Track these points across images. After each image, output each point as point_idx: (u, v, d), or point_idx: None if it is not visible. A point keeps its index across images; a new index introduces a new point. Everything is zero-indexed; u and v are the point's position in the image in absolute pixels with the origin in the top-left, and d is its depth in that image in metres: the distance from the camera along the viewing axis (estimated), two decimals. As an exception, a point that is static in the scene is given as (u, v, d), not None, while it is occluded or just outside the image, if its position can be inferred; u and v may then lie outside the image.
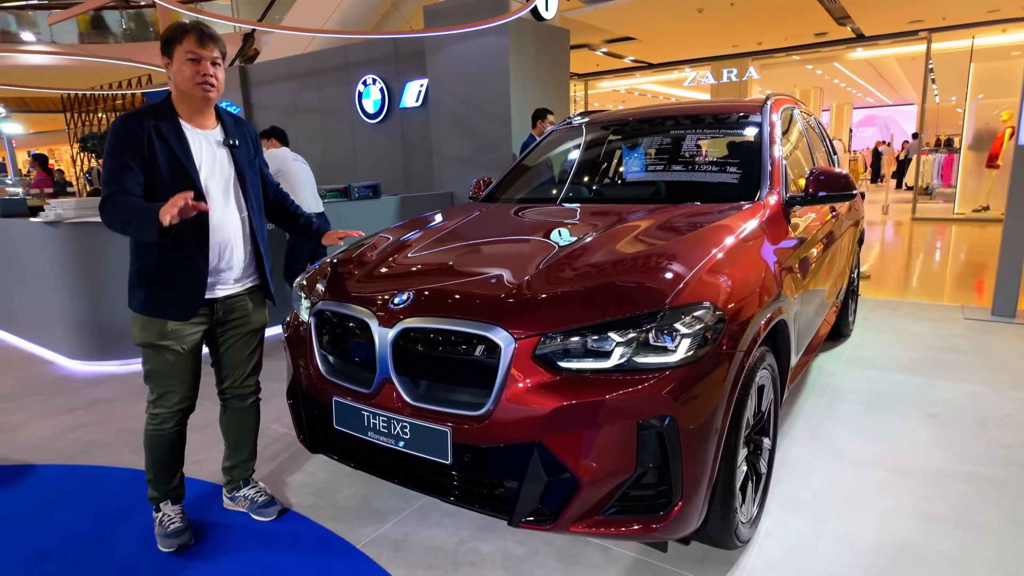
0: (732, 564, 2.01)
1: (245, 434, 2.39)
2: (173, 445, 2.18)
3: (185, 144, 1.99)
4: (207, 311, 2.12)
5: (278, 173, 4.54)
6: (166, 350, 2.06)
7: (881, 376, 3.60)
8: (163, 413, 2.13)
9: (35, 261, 4.47)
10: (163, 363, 2.07)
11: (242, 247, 2.14)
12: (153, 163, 1.93)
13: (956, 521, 2.21)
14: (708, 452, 1.71)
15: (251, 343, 2.29)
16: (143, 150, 1.91)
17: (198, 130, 2.04)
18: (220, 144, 2.09)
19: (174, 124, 1.98)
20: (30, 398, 3.75)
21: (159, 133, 1.94)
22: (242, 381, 2.32)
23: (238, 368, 2.29)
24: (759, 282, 2.00)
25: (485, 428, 1.69)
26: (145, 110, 1.98)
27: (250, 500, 2.38)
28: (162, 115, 1.98)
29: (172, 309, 2.03)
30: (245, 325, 2.24)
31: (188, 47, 1.93)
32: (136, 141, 1.91)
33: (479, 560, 2.08)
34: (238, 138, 2.13)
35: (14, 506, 2.51)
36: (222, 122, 2.12)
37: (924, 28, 11.53)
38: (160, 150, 1.93)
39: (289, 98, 9.05)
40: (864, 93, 24.63)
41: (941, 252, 8.08)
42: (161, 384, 2.10)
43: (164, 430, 2.14)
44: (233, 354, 2.26)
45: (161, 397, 2.12)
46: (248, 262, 2.18)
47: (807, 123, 3.67)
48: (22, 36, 18.08)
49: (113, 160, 1.90)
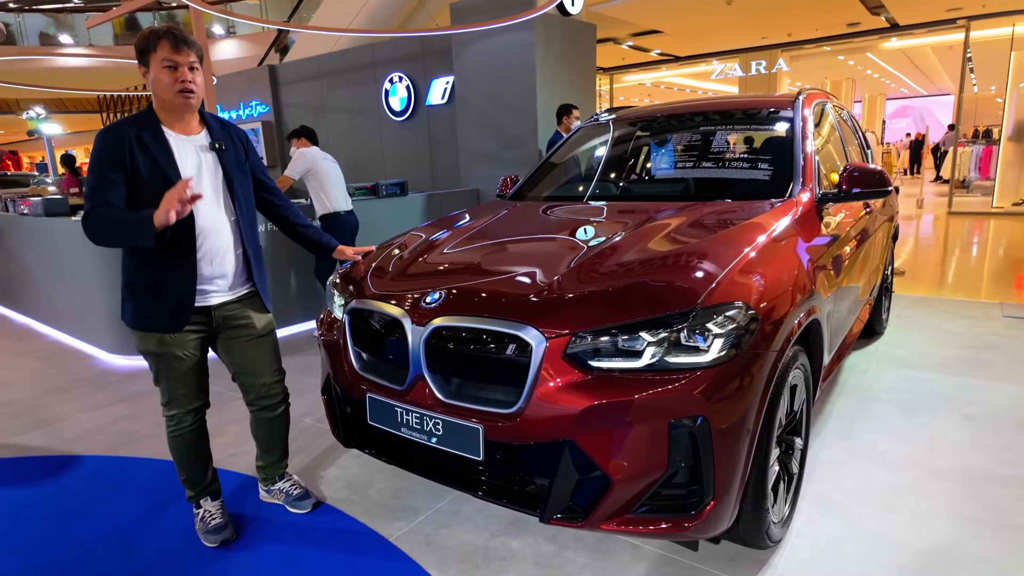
0: (763, 564, 2.00)
1: (276, 439, 2.41)
2: (196, 442, 2.23)
3: (168, 152, 1.95)
4: (205, 319, 2.09)
5: (308, 172, 4.62)
6: (169, 356, 2.06)
7: (916, 375, 3.53)
8: (178, 414, 2.17)
9: (76, 259, 4.63)
10: (168, 369, 2.08)
11: (232, 252, 2.10)
12: (136, 174, 1.90)
13: (994, 524, 2.17)
14: (740, 452, 1.71)
15: (260, 346, 2.23)
16: (125, 162, 1.89)
17: (182, 136, 2.00)
18: (206, 149, 2.05)
19: (156, 132, 1.95)
20: (76, 391, 3.89)
21: (141, 143, 1.91)
22: (268, 391, 2.30)
23: (259, 376, 2.26)
24: (792, 281, 1.99)
25: (516, 426, 1.71)
26: (127, 120, 1.96)
27: (285, 493, 2.44)
28: (144, 124, 1.94)
29: (161, 323, 2.02)
30: (248, 328, 2.19)
31: (163, 54, 1.89)
32: (118, 153, 1.88)
33: (510, 555, 2.11)
34: (225, 141, 2.09)
35: (65, 495, 2.62)
36: (207, 126, 2.08)
37: (963, 16, 11.18)
38: (142, 160, 1.90)
39: (318, 97, 9.18)
40: (898, 84, 24.01)
41: (979, 247, 7.86)
42: (170, 388, 2.13)
43: (184, 430, 2.18)
44: (245, 359, 2.22)
45: (172, 400, 2.15)
46: (240, 268, 2.14)
47: (840, 117, 3.61)
48: (60, 39, 18.63)
49: (95, 174, 1.88)
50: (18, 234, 5.62)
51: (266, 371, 2.28)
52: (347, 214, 4.78)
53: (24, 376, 4.24)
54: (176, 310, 2.02)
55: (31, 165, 24.85)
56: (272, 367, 2.30)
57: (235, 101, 10.28)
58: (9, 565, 2.15)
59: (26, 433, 3.28)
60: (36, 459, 2.98)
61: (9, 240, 5.85)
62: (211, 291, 2.09)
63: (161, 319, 2.02)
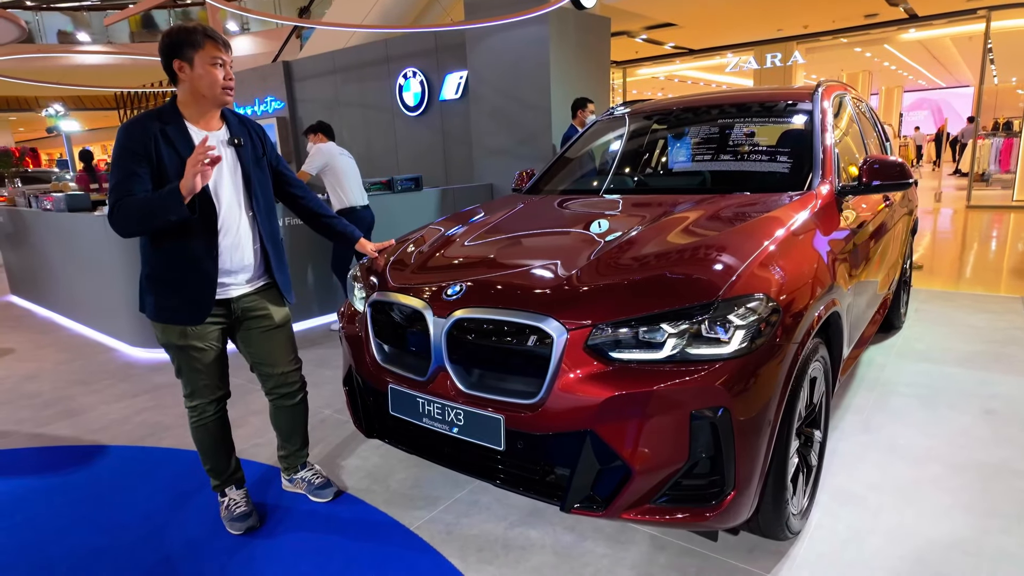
0: (782, 555, 2.01)
1: (296, 427, 2.45)
2: (219, 432, 2.28)
3: (192, 147, 1.96)
4: (224, 311, 2.14)
5: (325, 167, 4.66)
6: (190, 348, 2.10)
7: (935, 369, 3.50)
8: (200, 404, 2.21)
9: (98, 253, 4.71)
10: (189, 360, 2.13)
11: (251, 246, 2.14)
12: (160, 167, 1.93)
13: (1016, 518, 2.16)
14: (761, 443, 1.72)
15: (277, 336, 2.28)
16: (150, 155, 1.92)
17: (204, 132, 2.04)
18: (225, 144, 2.08)
19: (180, 127, 1.99)
20: (100, 383, 3.97)
21: (165, 137, 1.95)
22: (285, 379, 2.34)
23: (276, 366, 2.30)
24: (812, 273, 1.99)
25: (538, 416, 1.73)
26: (150, 115, 1.98)
27: (307, 482, 2.48)
28: (167, 119, 1.98)
29: (182, 315, 2.05)
30: (267, 319, 2.23)
31: (212, 52, 1.94)
32: (142, 147, 1.91)
33: (529, 544, 2.13)
34: (243, 137, 2.13)
35: (94, 484, 2.68)
36: (227, 122, 2.12)
37: (983, 6, 10.98)
38: (167, 154, 1.94)
39: (331, 92, 9.23)
40: (916, 76, 23.65)
41: (998, 241, 7.76)
42: (191, 379, 2.18)
43: (206, 420, 2.23)
44: (261, 349, 2.26)
45: (195, 391, 2.20)
46: (259, 261, 2.18)
47: (859, 109, 3.58)
48: (78, 36, 18.86)
49: (119, 168, 1.90)
50: (41, 229, 5.72)
51: (283, 360, 2.32)
52: (363, 209, 4.81)
53: (49, 368, 4.33)
54: (198, 303, 2.06)
55: (50, 162, 25.20)
56: (289, 356, 2.34)
57: (250, 97, 10.35)
58: (52, 550, 2.22)
59: (54, 423, 3.36)
60: (65, 448, 3.05)
61: (32, 235, 5.96)
62: (231, 284, 2.13)
63: (183, 312, 2.05)
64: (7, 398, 3.79)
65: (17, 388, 3.95)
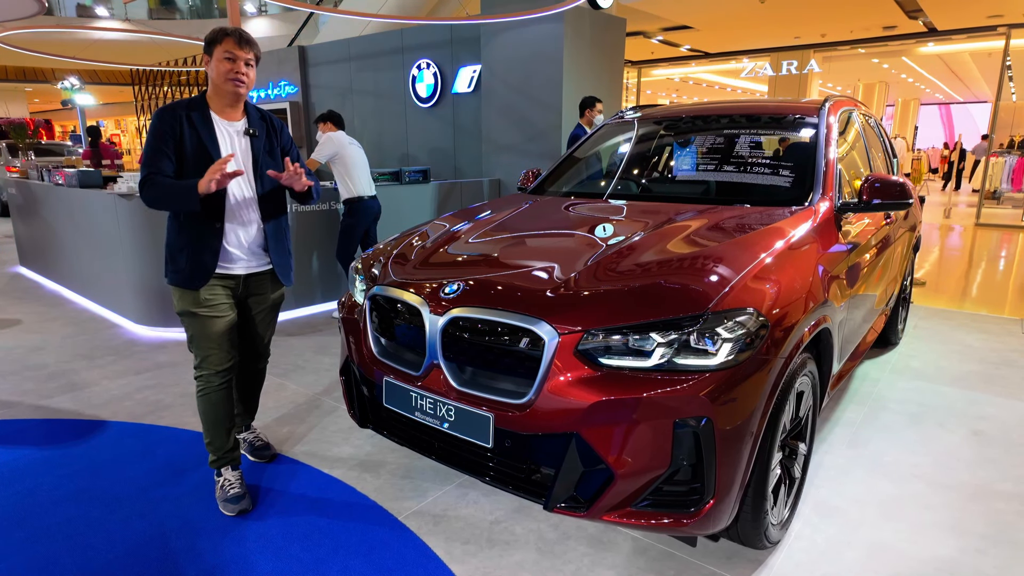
0: (760, 564, 2.05)
1: (251, 392, 2.70)
2: (222, 404, 2.39)
3: (212, 133, 2.25)
4: (233, 284, 2.36)
5: (335, 156, 4.70)
6: (203, 316, 2.30)
7: (928, 387, 3.53)
8: (207, 374, 2.35)
9: (108, 230, 4.77)
10: (201, 327, 2.31)
11: (255, 226, 2.37)
12: (182, 148, 2.21)
13: (994, 539, 2.19)
14: (742, 454, 1.75)
15: (269, 316, 2.56)
16: (177, 136, 2.20)
17: (225, 121, 2.30)
18: (242, 134, 2.33)
19: (205, 115, 2.26)
20: (103, 358, 4.03)
21: (190, 122, 2.23)
22: (257, 349, 2.59)
23: (256, 339, 2.57)
24: (805, 289, 2.02)
25: (526, 416, 1.77)
26: (183, 103, 2.27)
27: (248, 443, 2.75)
28: (196, 107, 2.26)
29: (185, 278, 2.28)
30: (265, 302, 2.50)
31: (227, 47, 2.20)
32: (171, 129, 2.19)
33: (513, 540, 2.18)
34: (259, 129, 2.37)
35: (91, 457, 2.74)
36: (248, 115, 2.36)
37: (1004, 24, 10.90)
38: (189, 136, 2.21)
39: (345, 79, 9.25)
40: (933, 89, 23.46)
41: (1006, 261, 7.74)
42: (202, 347, 2.33)
43: (211, 389, 2.36)
44: (253, 327, 2.52)
45: (204, 360, 2.35)
46: (262, 241, 2.40)
47: (866, 124, 3.59)
48: (97, 11, 18.91)
49: (151, 146, 2.20)
50: (52, 203, 5.79)
51: (266, 335, 2.60)
52: (370, 199, 4.86)
53: (55, 341, 4.40)
54: (202, 268, 2.28)
55: (63, 134, 25.32)
56: (270, 332, 2.62)
57: (264, 80, 10.38)
58: (48, 519, 2.28)
59: (56, 396, 3.42)
60: (66, 422, 3.11)
61: (43, 208, 6.03)
62: (236, 261, 2.35)
63: (187, 275, 2.28)
64: (13, 368, 3.86)
65: (23, 359, 4.03)
